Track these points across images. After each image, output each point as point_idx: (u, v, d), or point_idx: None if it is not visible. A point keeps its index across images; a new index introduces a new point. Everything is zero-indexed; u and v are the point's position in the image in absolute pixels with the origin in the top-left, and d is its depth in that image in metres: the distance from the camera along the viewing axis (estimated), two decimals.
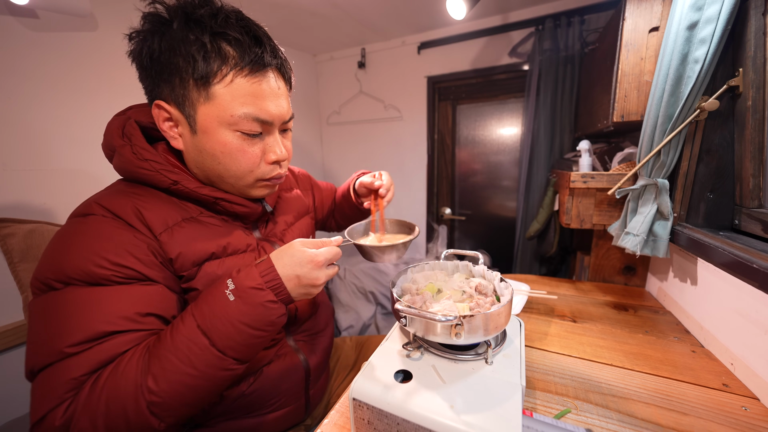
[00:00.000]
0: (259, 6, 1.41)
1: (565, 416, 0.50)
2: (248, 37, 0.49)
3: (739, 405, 0.53)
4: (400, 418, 0.39)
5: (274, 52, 0.52)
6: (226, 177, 0.54)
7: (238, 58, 0.48)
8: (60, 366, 0.40)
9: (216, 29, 0.47)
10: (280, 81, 0.53)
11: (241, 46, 0.48)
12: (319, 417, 0.74)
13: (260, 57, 0.49)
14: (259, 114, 0.50)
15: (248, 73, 0.48)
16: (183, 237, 0.51)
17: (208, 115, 0.49)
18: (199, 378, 0.42)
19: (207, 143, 0.51)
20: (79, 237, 0.46)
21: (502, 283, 0.53)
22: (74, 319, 0.42)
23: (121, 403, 0.40)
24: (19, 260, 0.65)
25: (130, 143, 0.51)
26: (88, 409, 0.39)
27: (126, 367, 0.41)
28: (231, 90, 0.48)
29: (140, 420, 0.40)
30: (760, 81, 0.63)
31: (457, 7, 1.20)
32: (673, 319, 0.80)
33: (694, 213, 0.76)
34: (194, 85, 0.47)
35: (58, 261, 0.44)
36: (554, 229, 1.41)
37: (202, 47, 0.46)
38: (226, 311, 0.43)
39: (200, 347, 0.42)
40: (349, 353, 0.90)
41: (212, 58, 0.47)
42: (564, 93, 1.44)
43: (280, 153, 0.55)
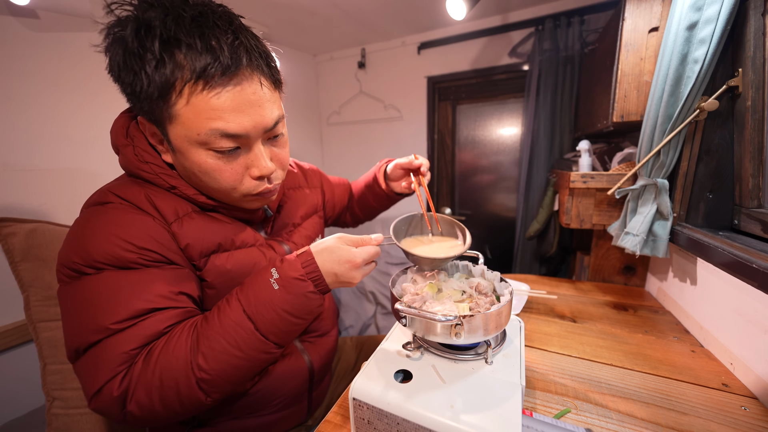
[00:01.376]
0: (259, 6, 1.42)
1: (564, 416, 0.50)
2: (201, 41, 0.41)
3: (739, 405, 0.53)
4: (400, 418, 0.39)
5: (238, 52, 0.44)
6: (213, 192, 0.52)
7: (191, 69, 0.41)
8: (109, 342, 0.43)
9: (166, 34, 0.41)
10: (253, 84, 0.46)
11: (194, 53, 0.41)
12: (320, 417, 0.74)
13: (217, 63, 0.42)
14: (228, 129, 0.45)
15: (206, 86, 0.42)
16: (192, 228, 0.52)
17: (177, 135, 0.46)
18: (244, 359, 0.46)
19: (185, 162, 0.48)
20: (102, 224, 0.46)
21: (502, 283, 0.53)
22: (114, 299, 0.44)
23: (173, 378, 0.43)
24: (20, 260, 0.65)
25: (133, 144, 0.51)
26: (143, 383, 0.43)
27: (176, 345, 0.44)
28: (191, 107, 0.43)
29: (190, 394, 0.44)
30: (760, 81, 0.63)
31: (457, 7, 1.20)
32: (672, 318, 0.80)
33: (693, 213, 0.76)
34: (155, 105, 0.44)
35: (85, 247, 0.45)
36: (554, 229, 1.41)
37: (152, 59, 0.41)
38: (270, 299, 0.46)
39: (246, 331, 0.46)
40: (350, 353, 0.90)
41: (164, 72, 0.41)
42: (564, 93, 1.44)
43: (264, 167, 0.50)
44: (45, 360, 0.63)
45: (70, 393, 0.63)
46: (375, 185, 0.84)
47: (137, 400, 0.43)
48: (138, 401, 0.43)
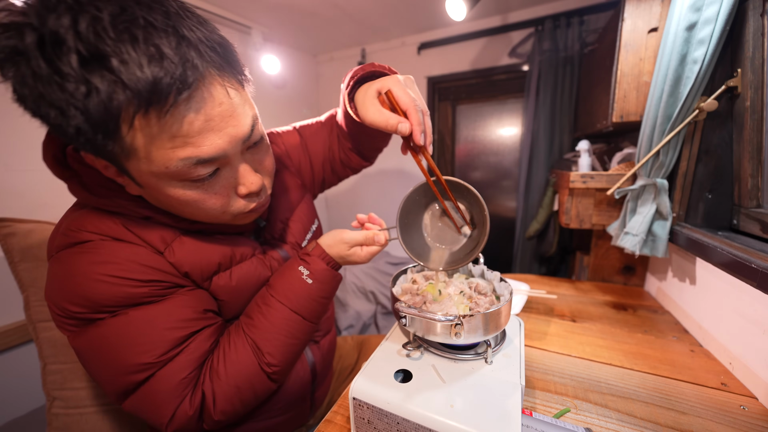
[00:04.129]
0: (260, 6, 1.42)
1: (564, 415, 0.50)
2: (136, 50, 0.30)
3: (738, 404, 0.53)
4: (400, 418, 0.39)
5: (187, 60, 0.33)
6: (199, 218, 0.47)
7: (133, 92, 0.31)
8: (161, 374, 0.44)
9: (85, 48, 0.29)
10: (218, 92, 0.37)
11: (131, 69, 0.30)
12: (321, 417, 0.74)
13: (167, 81, 0.32)
14: (201, 154, 0.37)
15: (162, 112, 0.33)
16: (185, 253, 0.48)
17: (140, 171, 0.38)
18: (299, 344, 0.54)
19: (159, 196, 0.41)
20: (92, 265, 0.41)
21: (501, 282, 0.53)
22: (146, 334, 0.43)
23: (249, 381, 0.49)
24: (20, 260, 0.65)
25: (79, 177, 0.42)
26: (222, 395, 0.47)
27: (237, 355, 0.49)
28: (148, 138, 0.34)
29: (264, 387, 0.51)
30: (759, 81, 0.63)
31: (457, 7, 1.20)
32: (672, 318, 0.80)
33: (692, 213, 0.76)
34: (101, 143, 0.34)
35: (83, 294, 0.41)
36: (554, 229, 1.41)
37: (77, 87, 0.29)
38: (309, 293, 0.54)
39: (298, 323, 0.53)
40: (350, 352, 0.90)
41: (101, 101, 0.30)
42: (563, 93, 1.44)
43: (252, 183, 0.45)
44: (45, 360, 0.63)
45: (70, 393, 0.63)
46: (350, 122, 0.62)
47: (222, 410, 0.47)
48: (223, 411, 0.47)
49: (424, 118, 0.48)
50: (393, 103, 0.47)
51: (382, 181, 2.21)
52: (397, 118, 0.46)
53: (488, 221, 0.50)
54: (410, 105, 0.46)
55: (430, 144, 0.49)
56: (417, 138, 0.47)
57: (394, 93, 0.47)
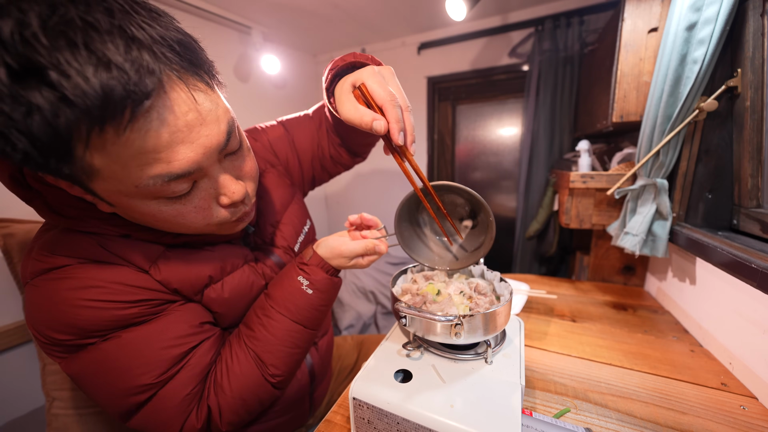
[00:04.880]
0: (260, 6, 1.42)
1: (564, 415, 0.50)
2: (77, 59, 0.25)
3: (738, 404, 0.53)
4: (400, 418, 0.39)
5: (141, 65, 0.28)
6: (183, 232, 0.43)
7: (82, 109, 0.26)
8: (163, 393, 0.44)
9: (14, 60, 0.24)
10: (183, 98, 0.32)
11: (72, 84, 0.25)
12: (321, 416, 0.74)
13: (120, 92, 0.27)
14: (173, 169, 0.33)
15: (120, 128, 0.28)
16: (172, 270, 0.45)
17: (108, 191, 0.34)
18: (302, 353, 0.55)
19: (133, 214, 0.38)
20: (70, 293, 0.38)
21: (501, 282, 0.53)
22: (143, 355, 0.42)
23: (254, 393, 0.50)
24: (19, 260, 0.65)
25: (42, 197, 0.38)
26: (228, 408, 0.47)
27: (241, 369, 0.49)
28: (111, 156, 0.30)
29: (269, 396, 0.52)
30: (759, 81, 0.63)
31: (457, 7, 1.20)
32: (672, 318, 0.80)
33: (692, 213, 0.76)
34: (57, 166, 0.29)
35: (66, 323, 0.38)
36: (554, 229, 1.41)
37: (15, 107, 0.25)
38: (310, 303, 0.53)
39: (300, 333, 0.53)
40: (350, 352, 0.90)
41: (44, 121, 0.26)
42: (563, 93, 1.44)
43: (234, 192, 0.40)
44: (45, 360, 0.63)
45: (70, 393, 0.63)
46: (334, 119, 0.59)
47: (229, 421, 0.48)
48: (230, 422, 0.48)
49: (404, 114, 0.42)
50: (368, 98, 0.42)
51: (381, 179, 2.21)
52: (372, 115, 0.41)
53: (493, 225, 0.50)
54: (386, 100, 0.41)
55: (412, 144, 0.44)
56: (394, 136, 0.42)
57: (368, 86, 0.42)
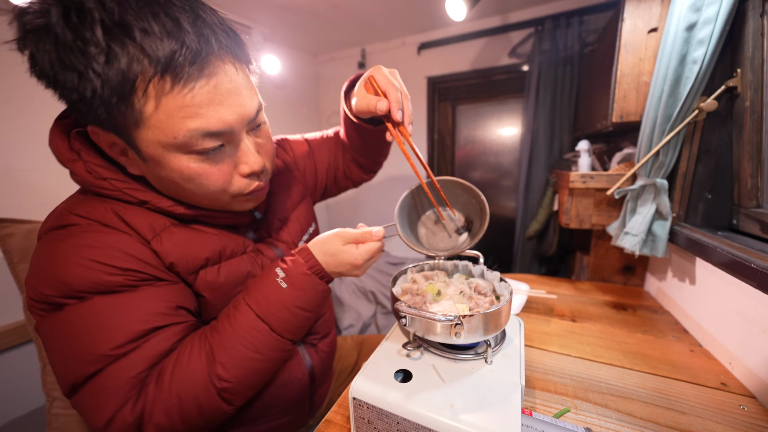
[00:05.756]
0: (260, 6, 1.42)
1: (564, 415, 0.50)
2: (158, 23, 0.34)
3: (738, 404, 0.53)
4: (400, 418, 0.39)
5: (204, 34, 0.37)
6: (199, 200, 0.47)
7: (152, 60, 0.34)
8: (112, 369, 0.40)
9: (109, 19, 0.32)
10: (228, 68, 0.40)
11: (152, 40, 0.33)
12: (321, 417, 0.74)
13: (184, 49, 0.35)
14: (210, 126, 0.39)
15: (176, 79, 0.35)
16: (173, 244, 0.46)
17: (148, 141, 0.39)
18: (263, 361, 0.46)
19: (162, 171, 0.42)
20: (72, 249, 0.41)
21: (501, 282, 0.53)
22: (108, 324, 0.40)
23: (193, 394, 0.42)
24: (19, 260, 0.65)
25: (81, 159, 0.43)
26: (161, 404, 0.41)
27: (189, 360, 0.42)
28: (161, 106, 0.36)
29: (212, 406, 0.43)
30: (758, 81, 0.63)
31: (457, 8, 1.20)
32: (671, 318, 0.81)
33: (692, 213, 0.77)
34: (112, 109, 0.36)
35: (57, 277, 0.40)
36: (554, 229, 1.41)
37: (99, 53, 0.32)
38: (281, 298, 0.47)
39: (262, 333, 0.46)
40: (350, 352, 0.90)
41: (120, 69, 0.33)
42: (563, 93, 1.45)
43: (254, 162, 0.46)
44: (45, 360, 0.63)
45: None
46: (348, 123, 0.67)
47: (156, 423, 0.40)
48: (157, 424, 0.40)
49: (403, 98, 0.52)
50: (375, 87, 0.52)
51: (382, 185, 2.21)
52: (377, 99, 0.51)
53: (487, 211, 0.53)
54: (389, 85, 0.51)
55: (409, 124, 0.53)
56: (394, 113, 0.50)
57: (375, 77, 0.52)
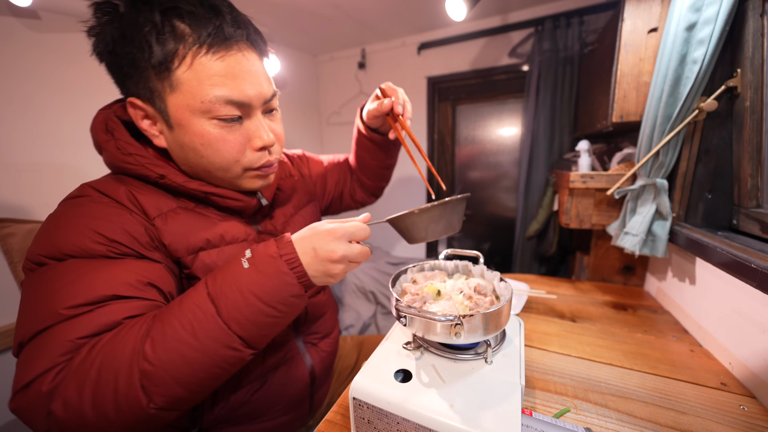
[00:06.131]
0: (260, 6, 1.42)
1: (564, 415, 0.50)
2: (203, 8, 0.43)
3: (738, 404, 0.53)
4: (400, 418, 0.39)
5: (238, 23, 0.46)
6: (213, 170, 0.50)
7: (195, 35, 0.42)
8: (56, 329, 0.37)
9: (166, 4, 0.42)
10: (251, 55, 0.48)
11: (197, 19, 0.43)
12: (321, 417, 0.74)
13: (220, 29, 0.43)
14: (233, 95, 0.45)
15: (210, 51, 0.43)
16: (177, 224, 0.49)
17: (178, 105, 0.45)
18: (198, 350, 0.38)
19: (185, 137, 0.47)
20: (75, 216, 0.44)
21: (501, 282, 0.53)
22: (74, 284, 0.39)
23: (113, 370, 0.36)
24: (19, 260, 0.65)
25: (114, 138, 0.49)
26: (77, 375, 0.35)
27: (127, 333, 0.38)
28: (195, 73, 0.43)
29: (129, 392, 0.36)
30: (758, 82, 0.63)
31: (457, 8, 1.20)
32: (671, 318, 0.81)
33: (692, 213, 0.77)
34: (155, 74, 0.43)
35: (51, 239, 0.42)
36: (554, 229, 1.41)
37: (153, 29, 0.41)
38: (237, 279, 0.41)
39: (205, 314, 0.39)
40: (350, 352, 0.90)
41: (166, 40, 0.42)
42: (563, 93, 1.44)
43: (267, 138, 0.50)
44: None
45: None
46: (365, 140, 0.76)
47: (65, 396, 0.34)
48: (65, 399, 0.34)
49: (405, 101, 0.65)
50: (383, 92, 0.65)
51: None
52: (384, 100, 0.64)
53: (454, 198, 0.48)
54: (393, 90, 0.65)
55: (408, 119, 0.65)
56: (396, 107, 0.63)
57: (382, 86, 0.65)
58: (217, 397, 0.56)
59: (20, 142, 1.01)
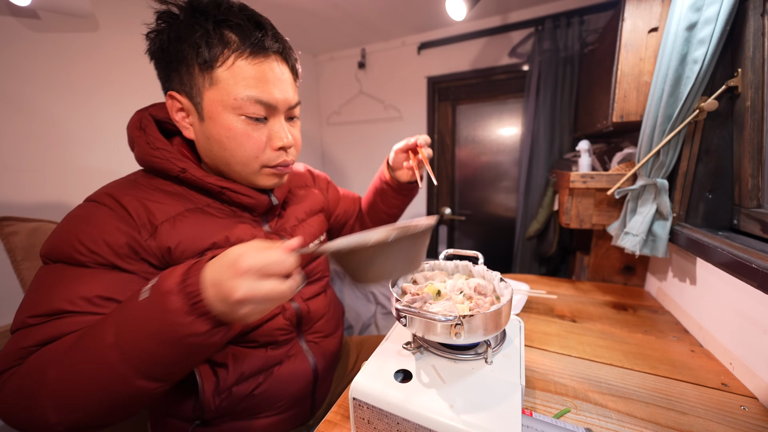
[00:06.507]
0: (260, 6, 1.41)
1: (564, 416, 0.50)
2: (250, 23, 0.51)
3: (738, 404, 0.53)
4: (400, 418, 0.39)
5: (276, 38, 0.53)
6: (233, 164, 0.55)
7: (239, 42, 0.49)
8: (19, 334, 0.43)
9: (219, 17, 0.49)
10: (283, 67, 0.55)
11: (243, 30, 0.50)
12: (321, 417, 0.74)
13: (261, 41, 0.50)
14: (262, 96, 0.51)
15: (249, 56, 0.50)
16: (185, 226, 0.53)
17: (213, 100, 0.51)
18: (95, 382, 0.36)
19: (213, 129, 0.52)
20: (73, 221, 0.49)
21: (501, 282, 0.53)
22: (44, 292, 0.44)
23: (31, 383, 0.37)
24: (22, 258, 0.65)
25: (145, 134, 0.54)
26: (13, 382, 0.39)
27: (50, 351, 0.39)
28: (233, 73, 0.50)
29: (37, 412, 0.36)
30: (759, 81, 0.63)
31: (457, 7, 1.20)
32: (672, 318, 0.80)
33: (693, 213, 0.76)
34: (199, 70, 0.50)
35: (52, 241, 0.47)
36: (554, 229, 1.41)
37: (205, 34, 0.48)
38: (132, 311, 0.37)
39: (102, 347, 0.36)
40: (350, 353, 0.90)
41: (214, 44, 0.49)
42: (564, 93, 1.44)
43: (286, 139, 0.56)
44: None
45: None
46: (381, 183, 0.83)
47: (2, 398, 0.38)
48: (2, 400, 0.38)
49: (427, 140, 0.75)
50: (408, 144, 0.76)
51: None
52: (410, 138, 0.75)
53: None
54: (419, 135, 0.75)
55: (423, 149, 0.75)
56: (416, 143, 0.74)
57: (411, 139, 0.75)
58: (220, 390, 0.56)
59: (20, 142, 1.01)
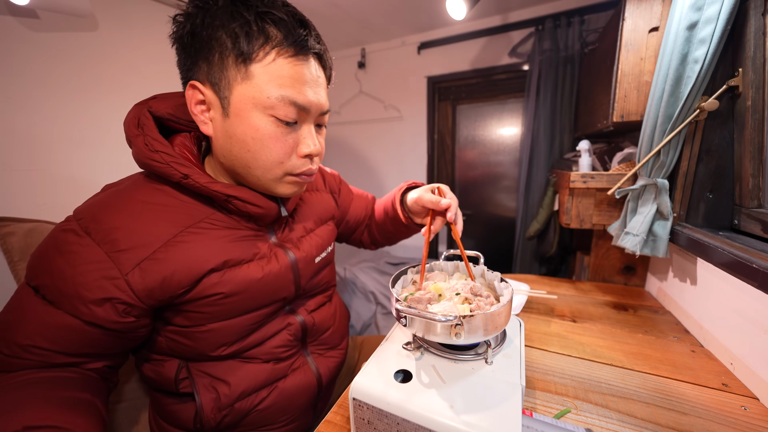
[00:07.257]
0: None
1: (564, 416, 0.50)
2: (294, 19, 0.47)
3: (739, 405, 0.53)
4: (400, 418, 0.39)
5: (319, 39, 0.51)
6: (254, 167, 0.50)
7: (282, 38, 0.46)
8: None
9: (261, 8, 0.45)
10: (320, 71, 0.52)
11: (286, 27, 0.46)
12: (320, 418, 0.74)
13: (305, 40, 0.47)
14: (297, 98, 0.48)
15: (291, 55, 0.47)
16: (180, 252, 0.48)
17: (244, 95, 0.47)
18: None
19: (238, 128, 0.48)
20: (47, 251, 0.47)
21: (501, 283, 0.53)
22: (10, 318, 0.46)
23: None
24: (19, 259, 0.65)
25: (143, 134, 0.50)
26: None
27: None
28: (271, 70, 0.46)
29: None
30: (760, 81, 0.63)
31: (457, 7, 1.20)
32: (672, 318, 0.80)
33: (693, 213, 0.76)
34: (234, 62, 0.46)
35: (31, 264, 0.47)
36: (554, 229, 1.41)
37: (246, 24, 0.45)
38: None
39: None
40: (350, 353, 0.90)
41: (255, 36, 0.45)
42: (564, 93, 1.44)
43: (314, 146, 0.52)
44: None
45: None
46: (393, 212, 0.77)
47: None
48: None
49: (458, 212, 0.65)
50: (440, 194, 0.65)
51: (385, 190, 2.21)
52: (443, 200, 0.62)
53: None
54: (451, 196, 0.64)
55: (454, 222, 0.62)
56: (450, 214, 0.61)
57: (441, 188, 0.66)
58: (221, 406, 0.55)
59: (19, 142, 1.01)
